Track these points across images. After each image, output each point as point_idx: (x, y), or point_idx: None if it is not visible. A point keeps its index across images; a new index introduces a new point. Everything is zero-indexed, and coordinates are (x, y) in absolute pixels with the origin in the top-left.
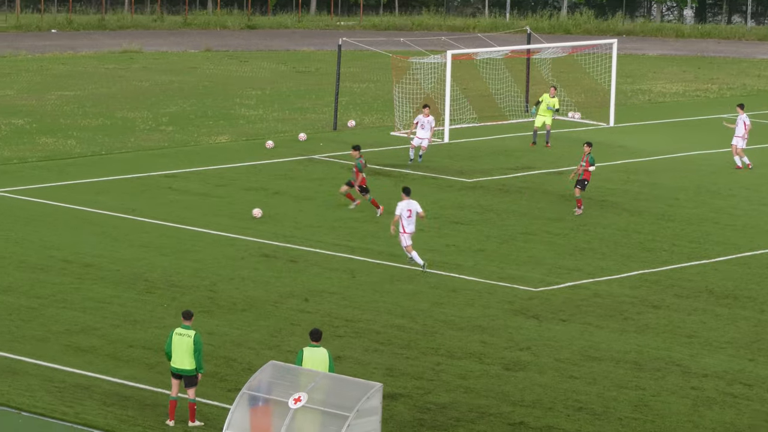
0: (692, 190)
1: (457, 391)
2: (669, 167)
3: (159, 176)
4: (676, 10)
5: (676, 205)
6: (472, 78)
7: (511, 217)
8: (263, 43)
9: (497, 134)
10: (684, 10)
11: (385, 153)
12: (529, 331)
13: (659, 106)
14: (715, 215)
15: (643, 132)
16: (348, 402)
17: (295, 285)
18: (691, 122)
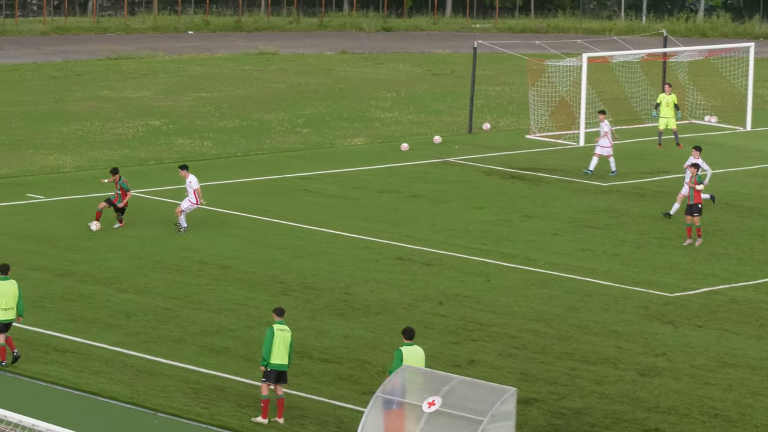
0: None
1: (591, 397)
2: None
3: (294, 178)
4: None
5: None
6: (608, 81)
7: (647, 221)
8: (399, 46)
9: (633, 138)
10: None
11: (520, 156)
12: (665, 336)
13: None
14: None
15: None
16: (482, 406)
17: (429, 288)
18: None
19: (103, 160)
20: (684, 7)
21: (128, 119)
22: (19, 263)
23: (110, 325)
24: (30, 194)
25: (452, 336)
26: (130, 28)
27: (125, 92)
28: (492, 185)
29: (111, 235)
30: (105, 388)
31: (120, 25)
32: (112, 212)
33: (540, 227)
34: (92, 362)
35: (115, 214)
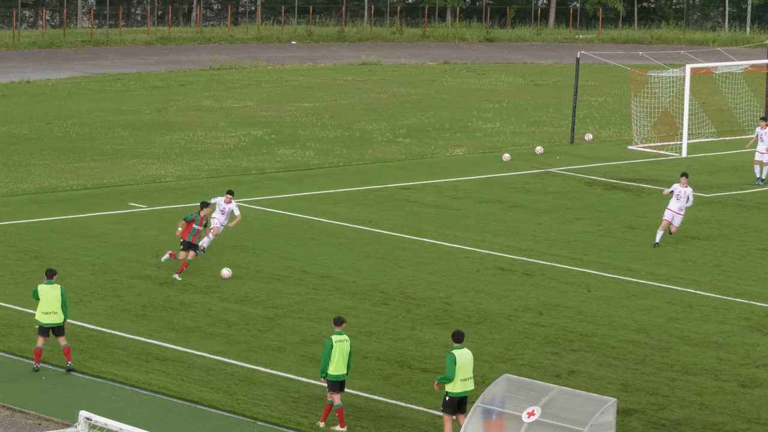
0: None
1: (692, 408)
2: None
3: (395, 188)
4: None
5: None
6: (711, 92)
7: (749, 232)
8: (501, 56)
9: (735, 149)
10: None
11: (622, 167)
12: (766, 348)
13: None
14: None
15: None
16: (582, 417)
17: (529, 298)
18: None
19: (205, 169)
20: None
21: (230, 129)
22: (121, 272)
23: (211, 334)
24: (132, 203)
25: (552, 346)
26: (233, 38)
27: (228, 102)
28: (593, 196)
29: (212, 244)
30: (205, 397)
31: (223, 35)
32: None
33: (641, 238)
34: (193, 371)
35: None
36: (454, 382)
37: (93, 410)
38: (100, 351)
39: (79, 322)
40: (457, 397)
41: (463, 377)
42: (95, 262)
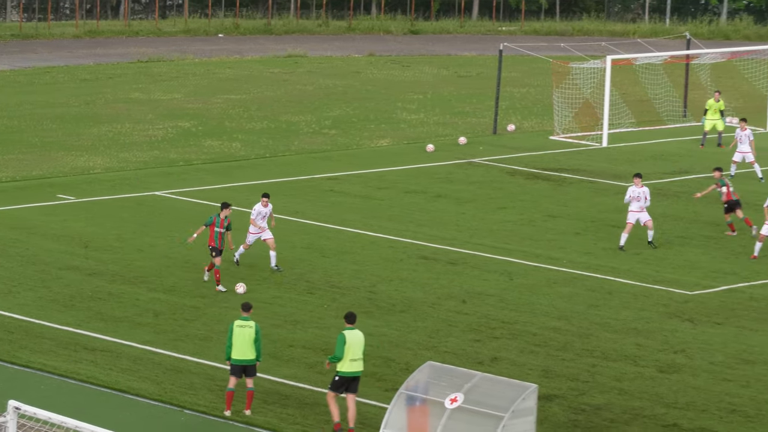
0: None
1: (611, 393)
2: None
3: (321, 179)
4: None
5: None
6: (631, 83)
7: (668, 221)
8: (425, 48)
9: (655, 139)
10: None
11: (544, 157)
12: (684, 334)
13: None
14: None
15: None
16: (504, 402)
17: (453, 287)
18: None
19: (133, 161)
20: (707, 10)
21: (158, 121)
22: (50, 263)
23: (139, 324)
24: (61, 195)
25: (475, 334)
26: (161, 31)
27: (155, 94)
28: (516, 186)
29: (140, 235)
30: (133, 386)
31: (151, 28)
32: None
33: (563, 227)
34: (121, 360)
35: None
36: (343, 362)
37: (22, 400)
38: (28, 341)
39: (7, 313)
40: (345, 376)
41: (352, 357)
42: (24, 253)
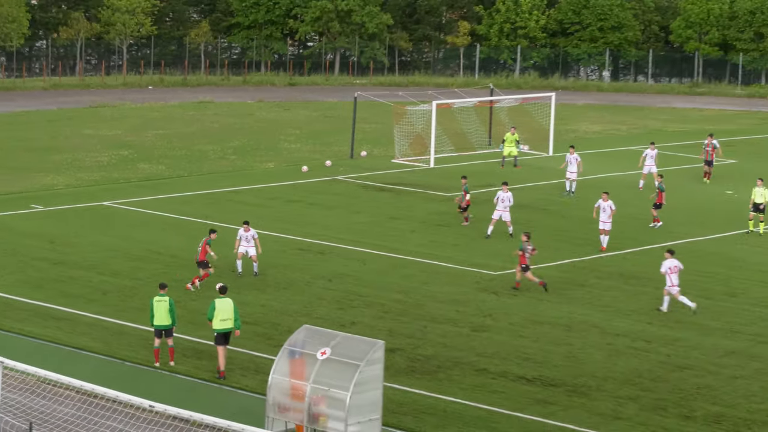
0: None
1: (438, 347)
2: (592, 185)
3: (225, 192)
4: (597, 72)
5: None
6: (451, 121)
7: (478, 221)
8: (301, 96)
9: (468, 161)
10: (603, 72)
11: (388, 175)
12: (491, 303)
13: (585, 141)
14: (625, 219)
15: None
16: (360, 354)
17: (322, 270)
18: (608, 152)
19: (87, 179)
20: (505, 68)
21: (104, 150)
22: (26, 254)
23: (92, 300)
24: (33, 205)
25: (338, 304)
26: (106, 84)
27: (102, 131)
28: (368, 196)
29: (93, 234)
30: (88, 345)
31: (99, 82)
32: None
33: (402, 226)
34: (79, 326)
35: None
36: (215, 321)
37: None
38: (11, 313)
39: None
40: (217, 332)
41: (222, 318)
42: (6, 247)
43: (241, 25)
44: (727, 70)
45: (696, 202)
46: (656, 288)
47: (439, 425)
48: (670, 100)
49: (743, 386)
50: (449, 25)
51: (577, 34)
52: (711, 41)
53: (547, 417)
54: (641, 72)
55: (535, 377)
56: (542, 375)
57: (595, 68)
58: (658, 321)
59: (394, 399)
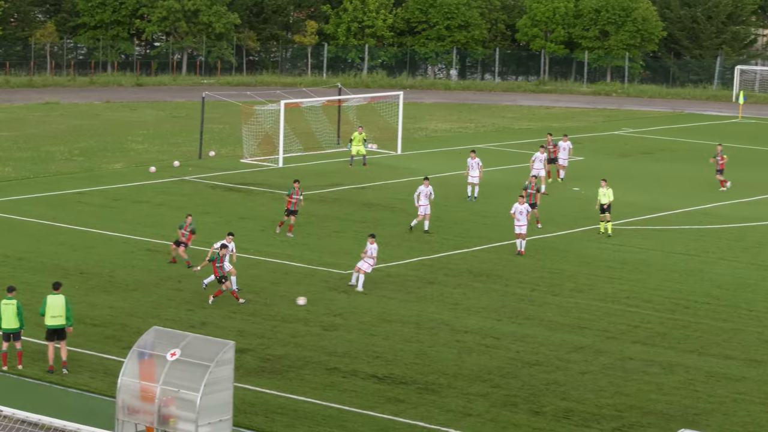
0: (457, 198)
1: (289, 346)
2: (441, 183)
3: (72, 193)
4: (445, 70)
5: (447, 210)
6: (299, 120)
7: (327, 220)
8: (148, 96)
9: (317, 160)
10: (450, 70)
11: (236, 175)
12: (341, 302)
13: (433, 139)
14: (474, 217)
15: (422, 158)
16: (210, 355)
17: (171, 271)
18: (456, 150)
19: None
20: (353, 67)
21: None
22: None
23: None
24: None
25: (188, 305)
26: None
27: None
28: (217, 196)
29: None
30: None
31: None
32: None
33: (251, 225)
34: None
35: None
36: (46, 318)
37: None
38: None
39: None
40: (49, 328)
41: (52, 314)
42: None
43: (87, 26)
44: (572, 67)
45: (544, 199)
46: (505, 285)
47: (290, 425)
48: (516, 98)
49: (591, 381)
50: (297, 25)
51: (424, 33)
52: (557, 39)
53: (398, 415)
54: (488, 70)
55: (385, 375)
56: (393, 373)
57: (442, 67)
58: (507, 318)
59: (245, 399)
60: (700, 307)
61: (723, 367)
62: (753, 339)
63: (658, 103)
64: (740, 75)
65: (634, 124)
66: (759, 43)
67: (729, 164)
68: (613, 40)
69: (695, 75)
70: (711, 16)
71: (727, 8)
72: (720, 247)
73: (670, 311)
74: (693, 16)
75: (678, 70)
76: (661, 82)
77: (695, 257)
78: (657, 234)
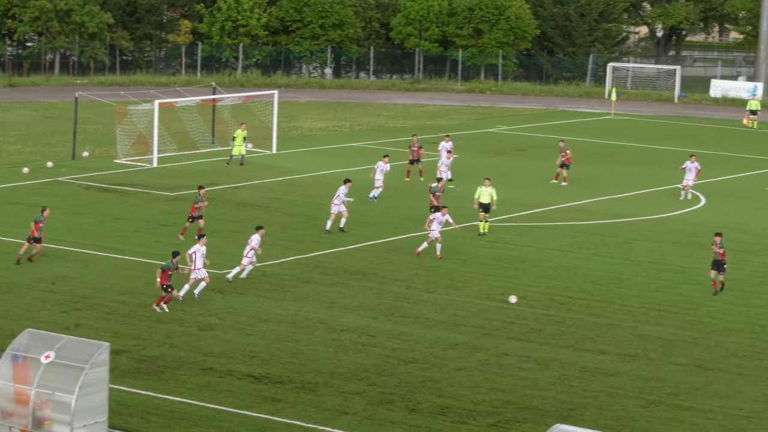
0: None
1: (164, 347)
2: (316, 182)
3: None
4: (320, 69)
5: (323, 209)
6: (174, 120)
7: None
8: (21, 97)
9: (192, 160)
10: (325, 69)
11: (110, 175)
12: (217, 302)
13: (308, 138)
14: (350, 215)
15: (297, 157)
16: (84, 357)
17: (45, 272)
18: (331, 149)
19: None
20: (228, 66)
21: None
22: None
23: None
24: None
25: (63, 307)
26: None
27: None
28: (90, 197)
29: None
30: None
31: None
32: None
33: (126, 226)
34: None
35: None
36: None
37: None
38: None
39: None
40: None
41: None
42: None
43: None
44: (447, 65)
45: (420, 196)
46: (380, 283)
47: (167, 426)
48: (391, 97)
49: (467, 378)
50: (170, 24)
51: (298, 31)
52: (431, 38)
53: (275, 414)
54: (363, 69)
55: (262, 375)
56: (269, 372)
57: (317, 66)
58: (383, 316)
59: (121, 401)
60: (575, 303)
61: (597, 362)
62: (626, 334)
63: (531, 100)
64: (612, 72)
65: (508, 122)
66: (631, 40)
67: (602, 160)
68: (486, 39)
69: (568, 72)
70: (583, 14)
71: (599, 6)
72: (594, 243)
73: (545, 307)
74: (566, 14)
75: (551, 67)
76: (534, 79)
77: (569, 253)
78: (532, 231)
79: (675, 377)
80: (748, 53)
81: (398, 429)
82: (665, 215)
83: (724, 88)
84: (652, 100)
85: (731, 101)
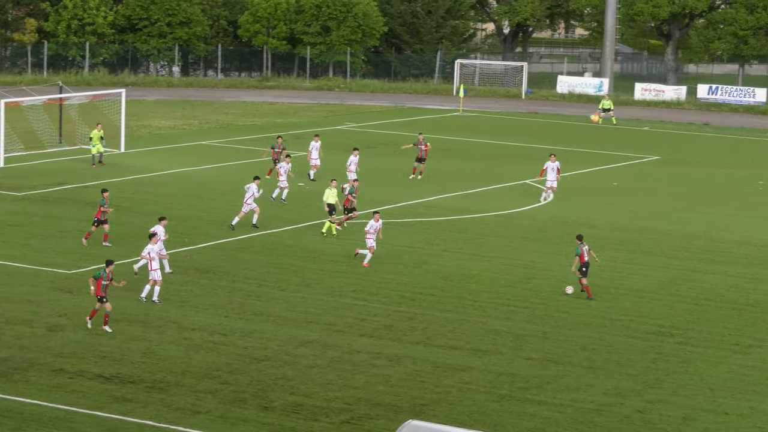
0: (183, 196)
1: (13, 348)
2: (166, 180)
3: None
4: (167, 67)
5: (173, 207)
6: (20, 119)
7: (51, 219)
8: None
9: (40, 159)
10: (173, 67)
11: None
12: (66, 302)
13: (157, 137)
14: (200, 214)
15: (146, 155)
16: None
17: None
18: (180, 147)
19: None
20: (74, 65)
21: None
22: None
23: None
24: None
25: None
26: None
27: None
28: None
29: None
30: None
31: None
32: None
33: None
34: None
35: None
36: None
37: None
38: None
39: None
40: None
41: None
42: None
43: None
44: (295, 63)
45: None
46: (231, 281)
47: (17, 428)
48: (240, 95)
49: (319, 375)
50: (16, 23)
51: (146, 29)
52: (279, 35)
53: (126, 414)
54: (211, 67)
55: (113, 375)
56: (120, 372)
57: (165, 64)
58: (235, 314)
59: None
60: (426, 299)
61: (449, 357)
62: (477, 329)
63: (380, 97)
64: (460, 69)
65: (356, 119)
66: (478, 37)
67: (451, 156)
68: (334, 36)
69: (416, 69)
70: (431, 11)
71: (446, 3)
72: (444, 239)
73: (396, 304)
74: (413, 11)
75: (399, 64)
76: (383, 76)
77: (420, 249)
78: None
79: (526, 371)
80: (593, 49)
81: (251, 427)
82: (514, 211)
83: (571, 84)
84: (499, 97)
85: (578, 97)
